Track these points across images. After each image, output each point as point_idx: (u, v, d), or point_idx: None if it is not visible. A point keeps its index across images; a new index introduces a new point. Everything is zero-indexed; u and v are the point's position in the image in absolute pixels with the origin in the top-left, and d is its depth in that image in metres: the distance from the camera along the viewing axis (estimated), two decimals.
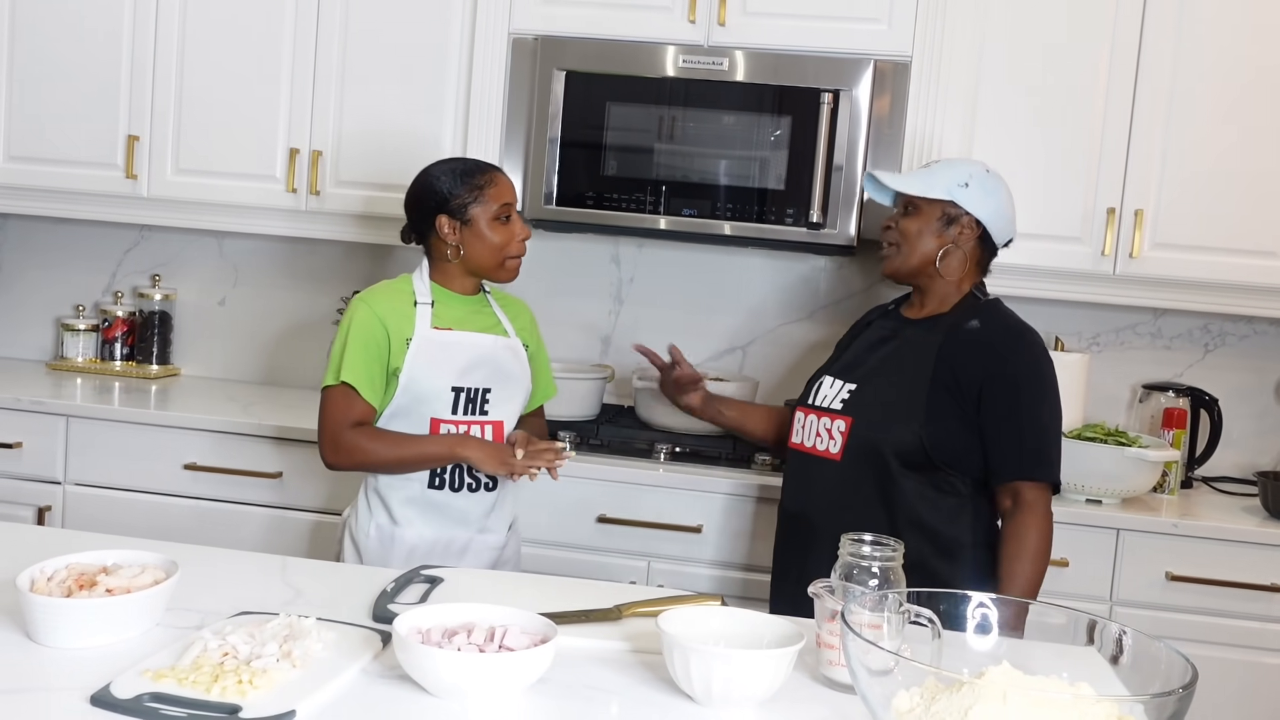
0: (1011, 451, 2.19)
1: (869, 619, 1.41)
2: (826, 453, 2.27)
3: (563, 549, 2.88)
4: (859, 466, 2.23)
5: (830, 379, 2.35)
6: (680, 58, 2.99)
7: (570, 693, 1.41)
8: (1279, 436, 3.29)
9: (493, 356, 2.34)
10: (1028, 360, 2.23)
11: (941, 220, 2.27)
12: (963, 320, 2.26)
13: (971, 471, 2.22)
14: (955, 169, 2.29)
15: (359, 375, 2.26)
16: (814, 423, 2.31)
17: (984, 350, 2.22)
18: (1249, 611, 2.74)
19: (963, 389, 2.20)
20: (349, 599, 1.68)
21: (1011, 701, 1.16)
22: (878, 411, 2.23)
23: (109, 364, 3.63)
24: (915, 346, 2.27)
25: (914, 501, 2.20)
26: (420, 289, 2.34)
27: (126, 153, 3.31)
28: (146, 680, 1.30)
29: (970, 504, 2.23)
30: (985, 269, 2.35)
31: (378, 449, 2.26)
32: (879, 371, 2.29)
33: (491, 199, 2.32)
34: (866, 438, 2.22)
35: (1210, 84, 2.90)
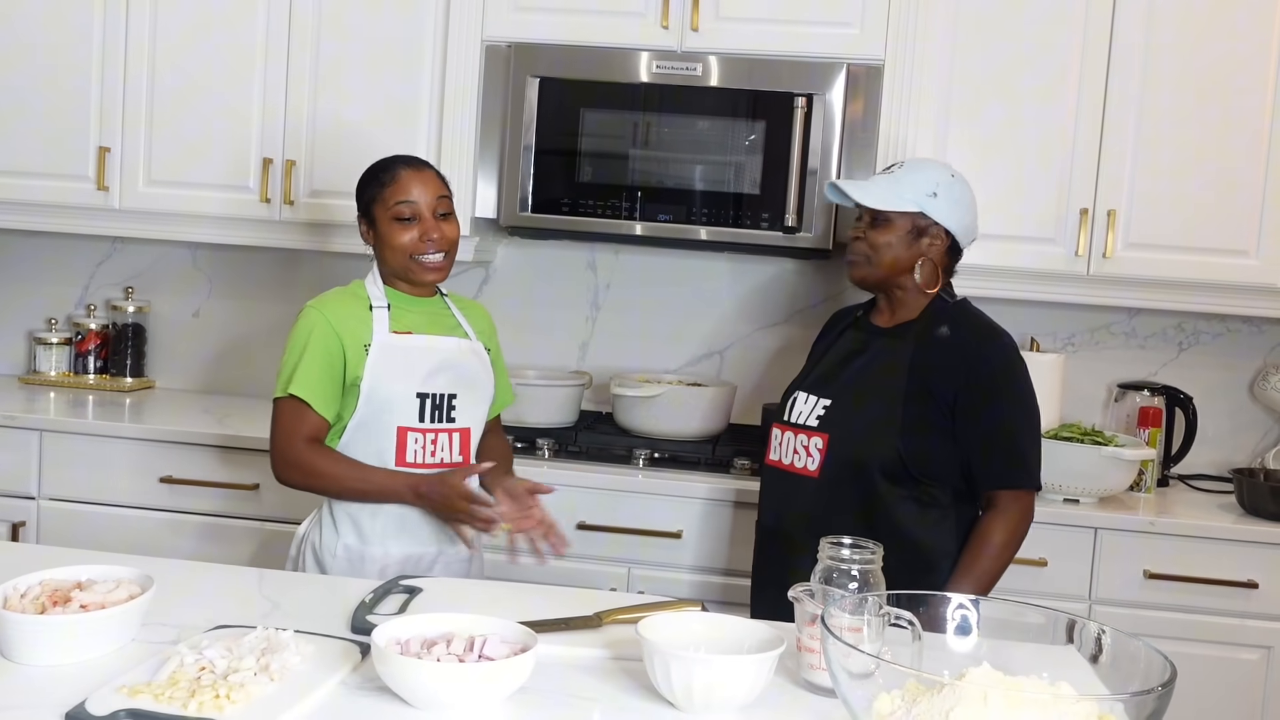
0: (988, 460, 2.19)
1: (849, 622, 1.41)
2: (805, 470, 2.25)
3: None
4: (838, 482, 2.22)
5: (805, 395, 2.33)
6: (654, 63, 2.99)
7: (551, 701, 1.41)
8: (1253, 434, 3.31)
9: (457, 360, 2.28)
10: (998, 364, 2.22)
11: (911, 233, 2.25)
12: (932, 327, 2.25)
13: (951, 481, 2.22)
14: (921, 175, 2.27)
15: (311, 388, 2.18)
16: (791, 440, 2.30)
17: (954, 358, 2.21)
18: (1226, 608, 2.76)
19: (936, 399, 2.19)
20: (327, 611, 1.67)
21: (992, 702, 1.16)
22: (855, 427, 2.22)
23: (82, 377, 3.60)
24: (887, 357, 2.27)
25: (896, 515, 2.19)
26: (374, 292, 2.27)
27: (98, 164, 3.28)
28: (122, 697, 1.29)
29: (953, 513, 2.23)
30: (951, 271, 2.34)
31: (334, 473, 2.18)
32: (853, 386, 2.28)
33: (389, 197, 2.25)
34: (845, 454, 2.21)
35: (1180, 84, 2.92)
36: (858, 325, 2.40)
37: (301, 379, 2.18)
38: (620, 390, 3.05)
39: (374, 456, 2.22)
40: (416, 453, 2.23)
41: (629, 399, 3.04)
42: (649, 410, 3.02)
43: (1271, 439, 3.30)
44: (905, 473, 2.18)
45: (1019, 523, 2.20)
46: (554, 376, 3.25)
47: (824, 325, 2.53)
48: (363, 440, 2.22)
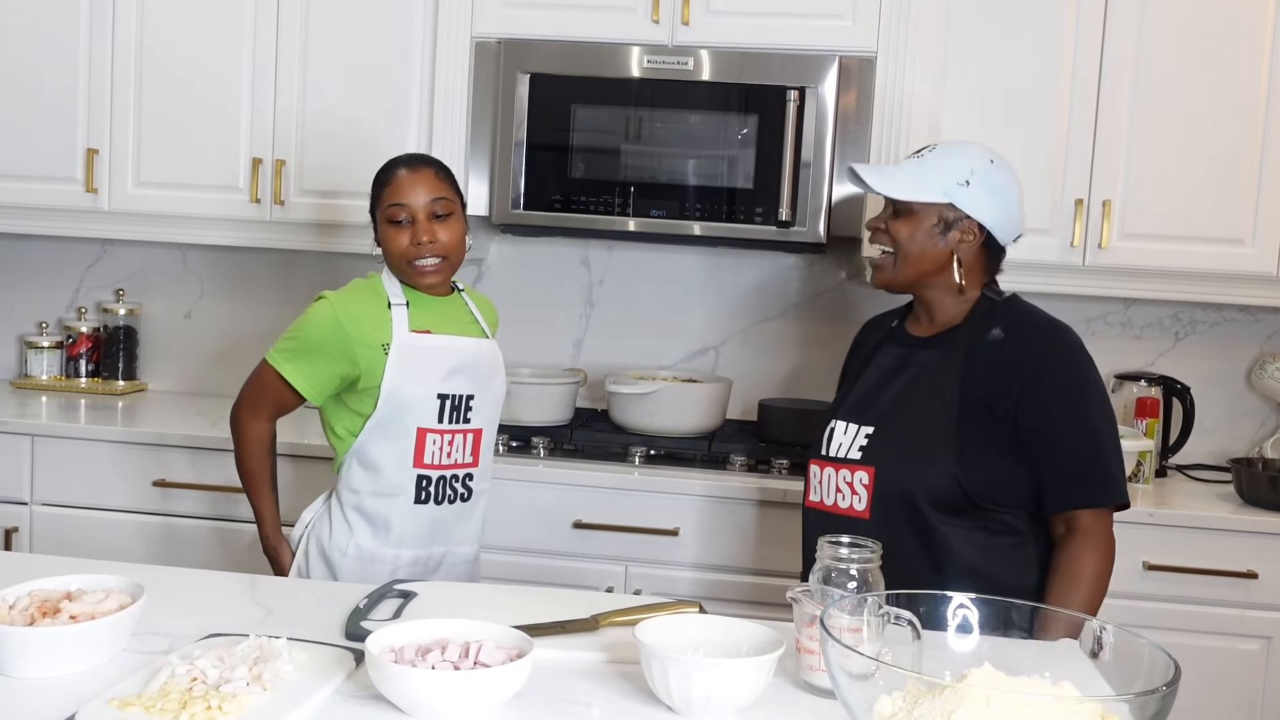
0: (1062, 477, 1.92)
1: (848, 623, 1.39)
2: (851, 510, 1.98)
3: (539, 555, 2.85)
4: (892, 522, 1.93)
5: (844, 424, 2.05)
6: (645, 58, 2.97)
7: (548, 707, 1.39)
8: (1251, 423, 3.30)
9: (475, 361, 2.26)
10: (1064, 364, 1.95)
11: (938, 226, 1.98)
12: (982, 331, 1.98)
13: (1024, 504, 1.95)
14: (954, 161, 1.99)
15: (298, 372, 2.19)
16: (832, 476, 2.02)
17: (1013, 363, 1.94)
18: (1226, 599, 2.75)
19: (996, 413, 1.92)
20: (321, 617, 1.65)
21: (995, 704, 1.15)
22: (903, 456, 1.95)
23: (74, 381, 3.58)
24: (934, 372, 1.99)
25: (963, 550, 1.92)
26: (392, 290, 2.24)
27: (86, 166, 3.26)
28: (113, 710, 1.27)
29: (1031, 540, 1.97)
30: (996, 267, 2.07)
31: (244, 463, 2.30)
32: (897, 408, 2.00)
33: (385, 199, 2.23)
34: (895, 488, 1.94)
35: (1174, 73, 2.91)
36: (894, 338, 2.13)
37: (294, 363, 2.20)
38: (615, 387, 3.03)
39: (393, 456, 2.20)
40: (434, 454, 2.22)
41: (624, 396, 3.02)
42: (644, 407, 3.00)
43: (1269, 428, 3.29)
44: (968, 501, 1.92)
45: (1108, 546, 1.92)
46: (548, 374, 3.23)
47: (854, 339, 2.29)
48: (381, 440, 2.20)
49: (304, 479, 2.90)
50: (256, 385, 2.26)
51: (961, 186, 1.97)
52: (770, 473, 2.89)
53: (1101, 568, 1.91)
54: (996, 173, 2.00)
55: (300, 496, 2.85)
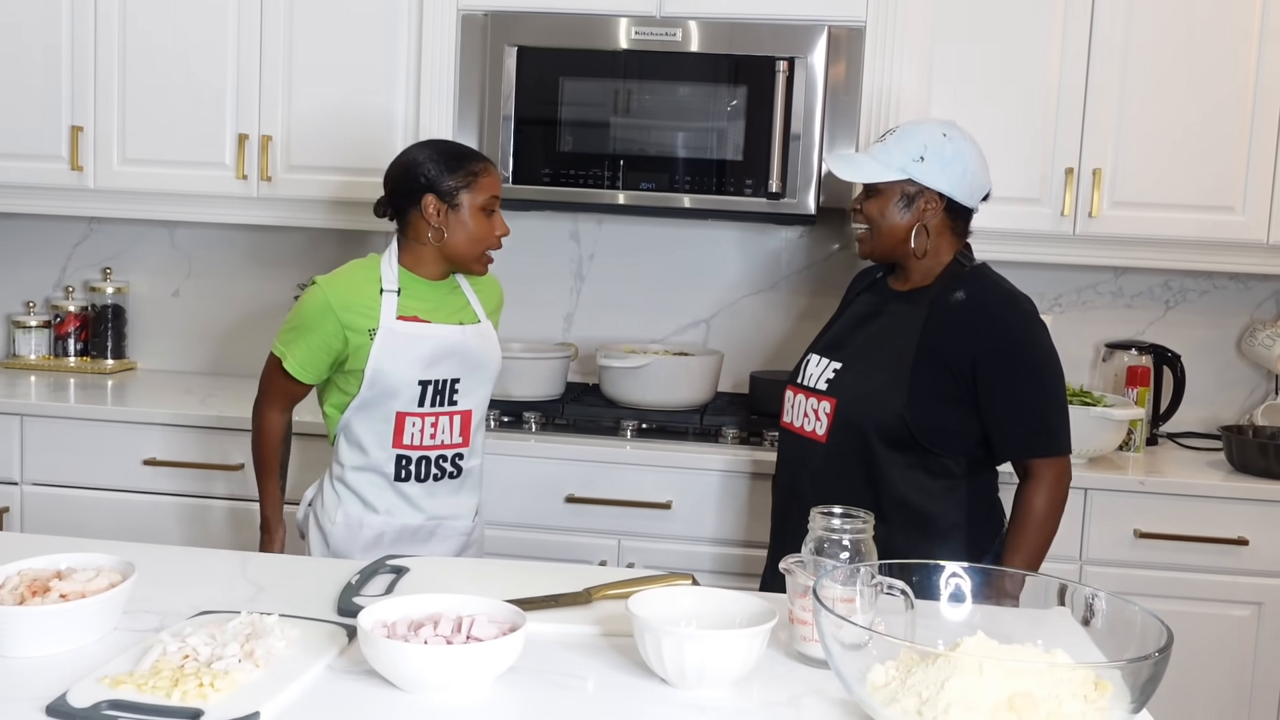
0: (1014, 430, 2.13)
1: (841, 593, 1.40)
2: (813, 434, 2.22)
3: (532, 530, 2.86)
4: (844, 448, 2.18)
5: (817, 357, 2.29)
6: (633, 29, 2.95)
7: (541, 680, 1.39)
8: (1241, 390, 3.31)
9: (461, 346, 2.29)
10: (1019, 330, 2.15)
11: (902, 200, 2.19)
12: (947, 292, 2.18)
13: (964, 451, 2.16)
14: (910, 140, 2.19)
15: (298, 361, 2.26)
16: (802, 402, 2.26)
17: (971, 324, 2.14)
18: (1217, 565, 2.76)
19: (950, 366, 2.12)
20: (313, 593, 1.65)
21: (988, 673, 1.15)
22: (861, 392, 2.17)
23: (63, 360, 3.57)
24: (899, 322, 2.21)
25: (900, 484, 2.14)
26: (388, 275, 2.27)
27: (71, 144, 3.23)
28: (104, 687, 1.26)
29: (964, 483, 2.18)
30: (964, 234, 2.26)
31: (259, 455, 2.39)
32: (864, 350, 2.23)
33: (482, 188, 2.28)
34: (849, 419, 2.17)
35: (1164, 41, 2.89)
36: (874, 288, 2.36)
37: (294, 351, 2.26)
38: (606, 361, 3.03)
39: (373, 436, 2.27)
40: (414, 435, 2.28)
41: (615, 370, 3.01)
42: (636, 381, 3.00)
43: (1259, 395, 3.30)
44: (911, 441, 2.13)
45: (1055, 488, 2.13)
46: (539, 349, 3.22)
47: (848, 286, 2.48)
48: (363, 419, 2.27)
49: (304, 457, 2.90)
50: (267, 377, 2.35)
51: (917, 162, 2.17)
52: (762, 445, 2.89)
53: (1049, 506, 2.14)
54: (949, 144, 2.19)
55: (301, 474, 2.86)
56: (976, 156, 2.22)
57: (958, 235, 2.25)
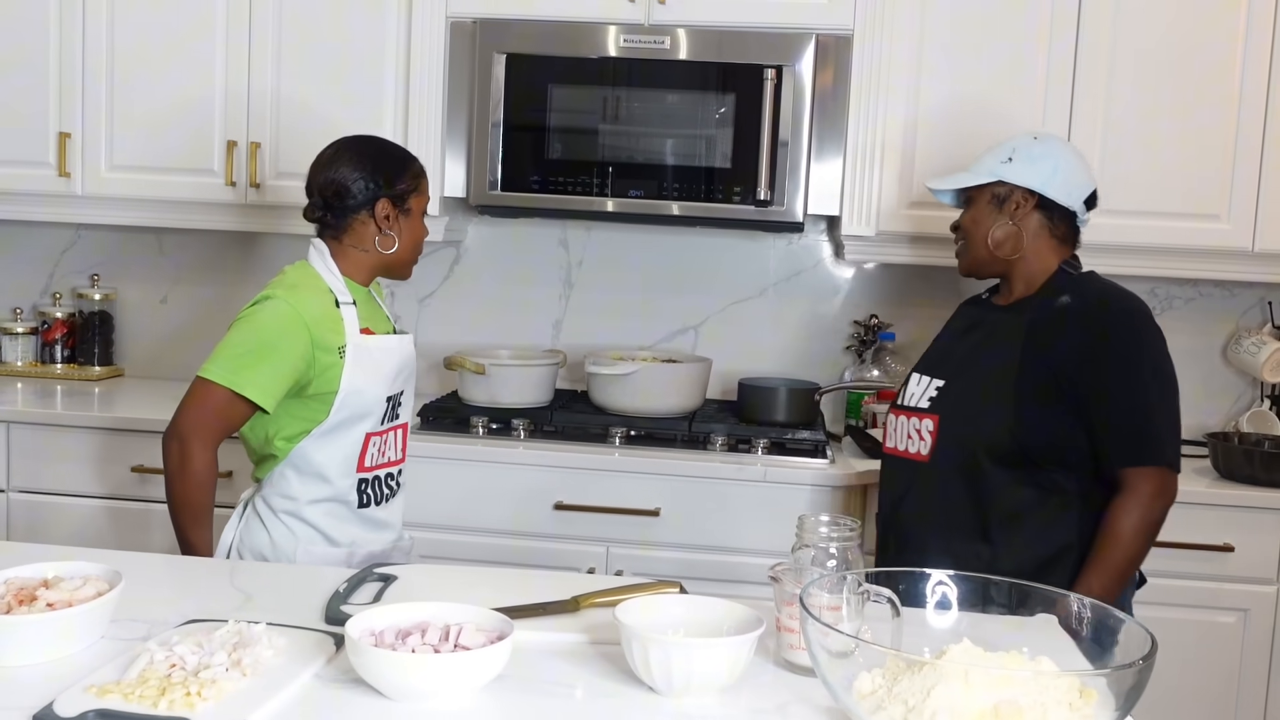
0: (1114, 437, 2.02)
1: (828, 601, 1.40)
2: (916, 455, 2.13)
3: (520, 537, 2.85)
4: (948, 467, 2.09)
5: (918, 376, 2.22)
6: (621, 37, 2.96)
7: (529, 688, 1.39)
8: (1227, 398, 3.32)
9: (409, 357, 2.22)
10: (1126, 331, 2.04)
11: (992, 203, 2.15)
12: (1051, 299, 2.11)
13: (1076, 466, 2.05)
14: (1001, 147, 2.18)
15: (262, 390, 2.01)
16: (904, 424, 2.18)
17: (1075, 327, 2.05)
18: (1202, 572, 2.77)
19: (1055, 373, 2.03)
20: (300, 602, 1.65)
21: (974, 680, 1.15)
22: (965, 406, 2.10)
23: (50, 367, 3.56)
24: (1002, 332, 2.13)
25: (1008, 501, 2.04)
26: (336, 285, 2.12)
27: (58, 150, 3.23)
28: (91, 697, 1.26)
29: (1077, 502, 2.07)
30: (1070, 240, 2.19)
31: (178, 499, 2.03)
32: (966, 363, 2.16)
33: (423, 191, 2.22)
34: (954, 436, 2.08)
35: (1149, 49, 2.91)
36: (977, 303, 2.31)
37: (257, 379, 2.01)
38: (595, 368, 3.03)
39: (337, 464, 2.11)
40: (374, 456, 2.16)
41: (604, 377, 3.02)
42: (624, 387, 3.00)
43: (1245, 402, 3.31)
44: (1021, 455, 2.03)
45: (1150, 504, 2.01)
46: (528, 356, 3.22)
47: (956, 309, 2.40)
48: (327, 446, 2.10)
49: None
50: (203, 409, 2.04)
51: (1005, 163, 2.15)
52: (750, 452, 2.90)
53: (1140, 523, 2.01)
54: (1038, 145, 2.16)
55: None
56: (1070, 156, 2.17)
57: (1059, 240, 2.17)
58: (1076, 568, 2.04)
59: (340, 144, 2.22)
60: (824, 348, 3.42)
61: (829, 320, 3.42)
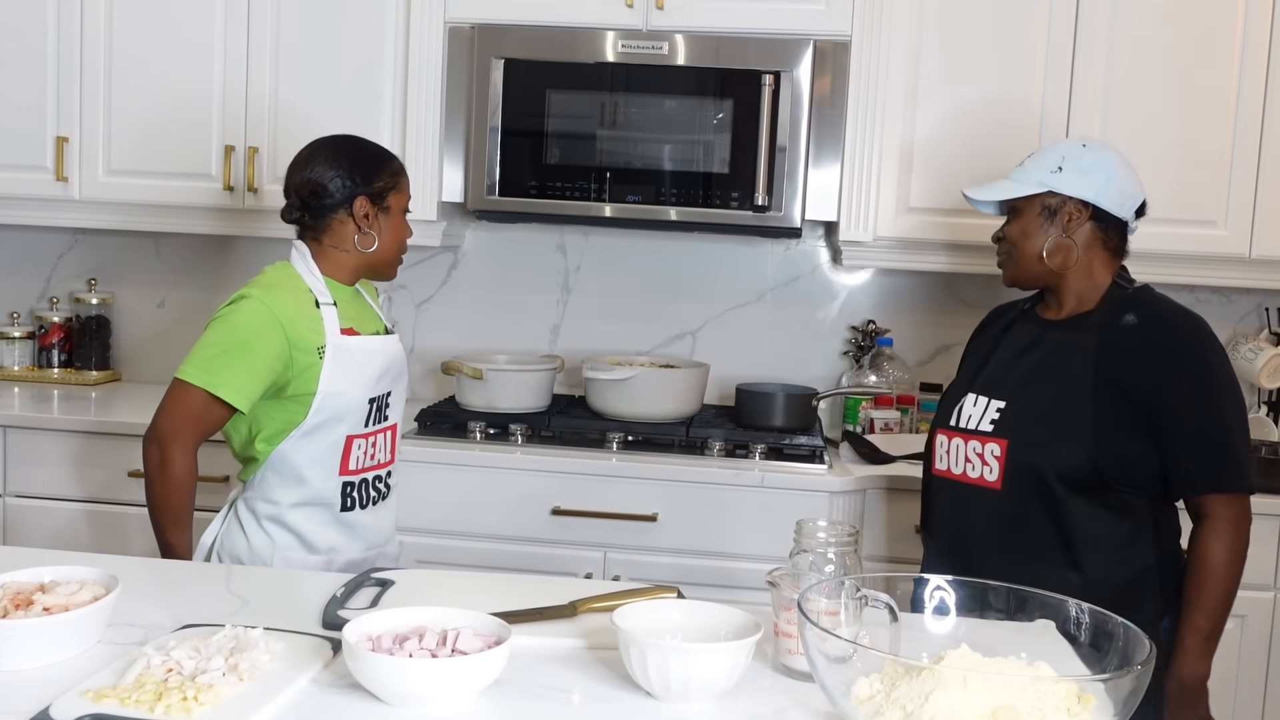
0: (1190, 463, 1.98)
1: (826, 606, 1.40)
2: (982, 480, 2.05)
3: (517, 543, 2.85)
4: (1024, 493, 2.02)
5: (974, 396, 2.12)
6: (620, 43, 2.96)
7: (527, 694, 1.39)
8: None
9: (396, 358, 2.21)
10: (1198, 353, 1.99)
11: (1043, 215, 2.07)
12: (1115, 316, 2.04)
13: (1146, 487, 2.01)
14: (1047, 154, 2.09)
15: (238, 390, 2.00)
16: (961, 446, 2.09)
17: (1147, 349, 1.99)
18: None
19: (1129, 396, 1.98)
20: (298, 606, 1.64)
21: (972, 686, 1.15)
22: (1036, 431, 2.02)
23: (47, 371, 3.55)
24: (1066, 352, 2.06)
25: (1092, 529, 2.00)
26: (316, 285, 2.11)
27: (56, 154, 3.23)
28: (87, 701, 1.26)
29: (1150, 522, 2.03)
30: (1120, 251, 2.12)
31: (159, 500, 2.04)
32: (1030, 384, 2.07)
33: (403, 189, 2.20)
34: (1027, 462, 2.01)
35: (1147, 55, 2.92)
36: (1026, 318, 2.20)
37: (233, 380, 2.00)
38: (592, 373, 3.03)
39: (317, 466, 2.10)
40: (359, 459, 2.15)
41: (601, 382, 3.02)
42: (622, 393, 3.00)
43: None
44: (1098, 480, 1.98)
45: (1237, 531, 1.98)
46: (525, 361, 3.22)
47: (980, 322, 2.34)
48: (306, 448, 2.09)
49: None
50: (180, 411, 2.02)
51: (1055, 173, 2.06)
52: (748, 457, 2.90)
53: (1231, 552, 1.98)
54: (1089, 153, 2.07)
55: None
56: (1121, 165, 2.09)
57: (1112, 252, 2.10)
58: (1159, 589, 2.02)
59: (316, 144, 2.21)
60: (821, 353, 3.42)
61: (826, 326, 3.42)
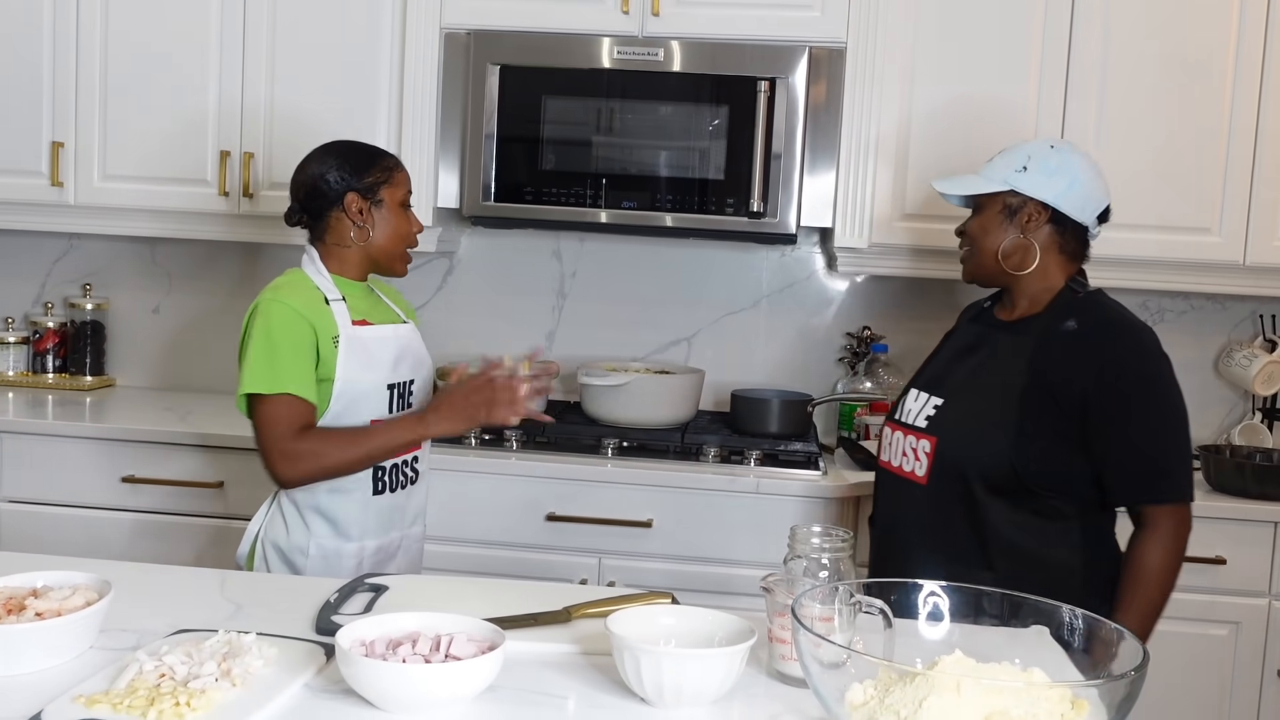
0: (1127, 473, 1.98)
1: (820, 612, 1.39)
2: (912, 474, 2.09)
3: (512, 548, 2.85)
4: (946, 490, 2.04)
5: (916, 392, 2.16)
6: (615, 49, 2.96)
7: (520, 699, 1.39)
8: (1219, 410, 3.33)
9: (411, 345, 2.28)
10: (1135, 361, 1.99)
11: (1004, 213, 2.08)
12: (1057, 320, 2.05)
13: (1077, 492, 2.01)
14: (1014, 152, 2.10)
15: (301, 381, 2.09)
16: (900, 440, 2.13)
17: (1082, 355, 1.99)
18: (1195, 585, 2.76)
19: (1060, 402, 1.98)
20: (291, 612, 1.64)
21: (965, 691, 1.15)
22: (963, 430, 2.04)
23: (41, 376, 3.55)
24: (1006, 354, 2.07)
25: (1006, 528, 2.00)
26: (324, 284, 2.19)
27: (51, 160, 3.22)
28: (79, 707, 1.25)
29: (1077, 524, 2.03)
30: (1079, 255, 2.13)
31: (338, 452, 2.09)
32: (967, 384, 2.10)
33: (398, 182, 2.25)
34: (951, 460, 2.03)
35: (1141, 62, 2.92)
36: (980, 318, 2.23)
37: (290, 374, 2.08)
38: (588, 379, 3.03)
39: None
40: None
41: (596, 388, 3.01)
42: (617, 399, 3.00)
43: (1237, 415, 3.32)
44: (1018, 483, 1.99)
45: (1174, 539, 1.98)
46: None
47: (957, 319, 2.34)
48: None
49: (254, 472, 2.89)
50: (273, 424, 2.08)
51: (1019, 172, 2.07)
52: (743, 463, 2.89)
53: (1166, 559, 1.99)
54: (1055, 156, 2.07)
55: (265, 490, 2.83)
56: (1087, 169, 2.09)
57: (1069, 256, 2.11)
58: (1081, 591, 1.95)
59: (314, 149, 2.29)
60: (817, 359, 3.42)
61: (822, 332, 3.42)
